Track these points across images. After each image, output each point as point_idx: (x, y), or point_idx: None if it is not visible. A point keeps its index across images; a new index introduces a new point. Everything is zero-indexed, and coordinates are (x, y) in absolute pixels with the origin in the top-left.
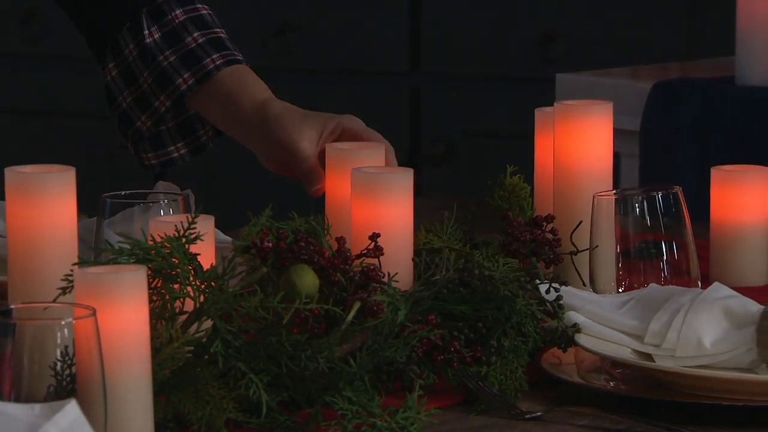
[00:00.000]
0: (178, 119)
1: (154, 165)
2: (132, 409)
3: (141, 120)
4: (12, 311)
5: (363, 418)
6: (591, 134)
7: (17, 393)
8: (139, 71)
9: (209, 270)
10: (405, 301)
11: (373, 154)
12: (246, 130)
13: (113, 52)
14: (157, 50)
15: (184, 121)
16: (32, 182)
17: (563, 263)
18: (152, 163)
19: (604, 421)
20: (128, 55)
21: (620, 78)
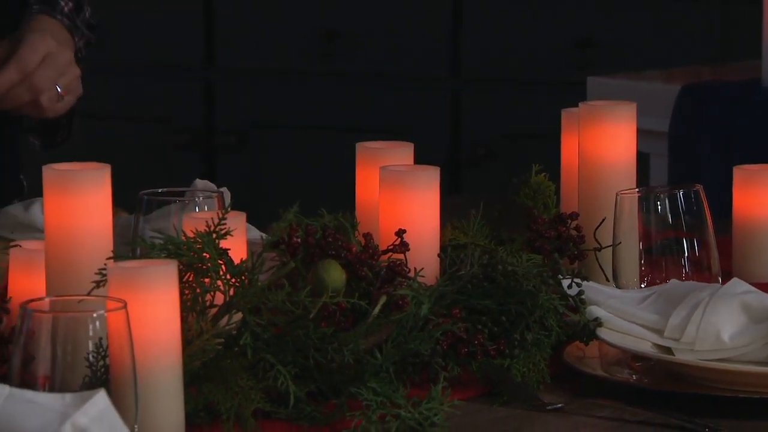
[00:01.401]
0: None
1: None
2: (163, 400)
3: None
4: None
5: (387, 409)
6: (615, 134)
7: (52, 384)
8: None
9: (239, 264)
10: (429, 296)
11: (401, 153)
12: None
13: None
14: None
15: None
16: (69, 179)
17: (587, 259)
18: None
19: (623, 413)
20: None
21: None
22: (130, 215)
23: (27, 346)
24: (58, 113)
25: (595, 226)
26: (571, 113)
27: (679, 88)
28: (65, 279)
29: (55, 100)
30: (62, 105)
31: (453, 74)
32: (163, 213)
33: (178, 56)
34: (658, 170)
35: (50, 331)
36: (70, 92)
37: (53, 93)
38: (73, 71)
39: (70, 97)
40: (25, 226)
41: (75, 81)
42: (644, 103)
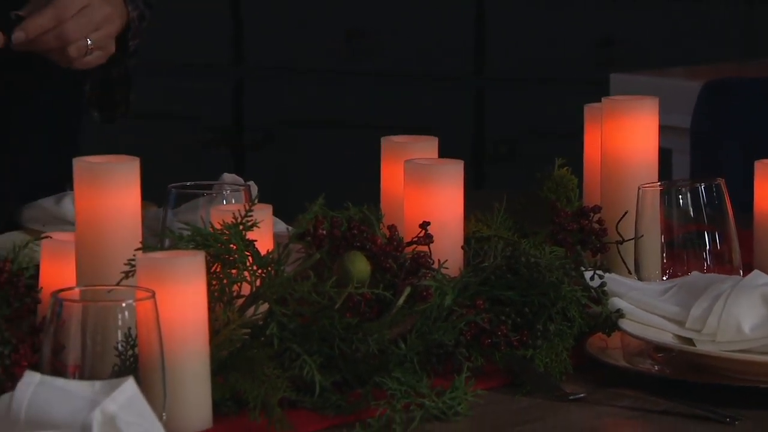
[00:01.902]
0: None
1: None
2: (191, 388)
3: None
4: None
5: (412, 398)
6: (637, 128)
7: (81, 372)
8: None
9: (266, 256)
10: (453, 287)
11: (426, 147)
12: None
13: None
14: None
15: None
16: (99, 172)
17: (609, 252)
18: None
19: (645, 403)
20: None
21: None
22: (159, 208)
23: (57, 335)
24: (87, 66)
25: (618, 220)
26: (594, 108)
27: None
28: (95, 269)
29: (83, 53)
30: (91, 59)
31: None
32: (191, 206)
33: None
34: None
35: (80, 320)
36: (101, 48)
37: (82, 45)
38: (107, 28)
39: (100, 53)
40: (56, 219)
41: (107, 38)
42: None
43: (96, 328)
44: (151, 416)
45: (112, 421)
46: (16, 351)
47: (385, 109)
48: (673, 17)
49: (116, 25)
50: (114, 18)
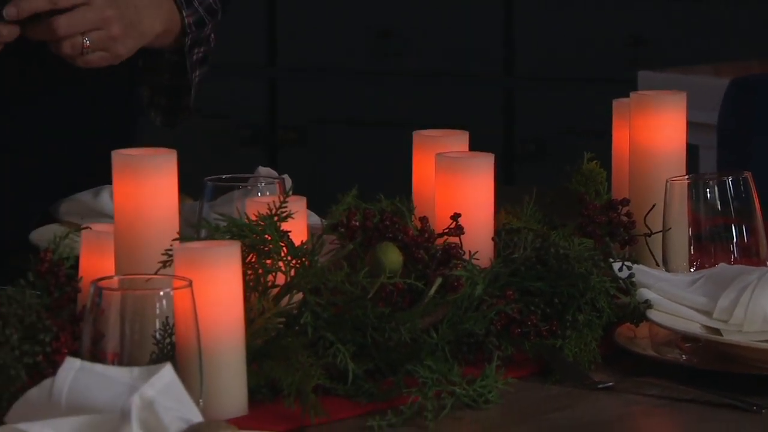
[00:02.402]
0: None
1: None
2: (227, 376)
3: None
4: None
5: (443, 386)
6: (665, 122)
7: (120, 360)
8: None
9: (300, 246)
10: (483, 277)
11: (457, 140)
12: None
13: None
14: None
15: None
16: (137, 163)
17: (637, 244)
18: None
19: (672, 392)
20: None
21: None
22: (196, 201)
23: (97, 324)
24: (90, 66)
25: (646, 212)
26: (622, 103)
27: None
28: (133, 259)
29: (79, 51)
30: (94, 59)
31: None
32: (226, 199)
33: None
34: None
35: (119, 308)
36: (105, 49)
37: (77, 42)
38: (110, 30)
39: (104, 54)
40: (94, 212)
41: (109, 40)
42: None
43: (134, 317)
44: (188, 401)
45: (150, 406)
46: (57, 339)
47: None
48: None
49: (141, 30)
50: (116, 21)
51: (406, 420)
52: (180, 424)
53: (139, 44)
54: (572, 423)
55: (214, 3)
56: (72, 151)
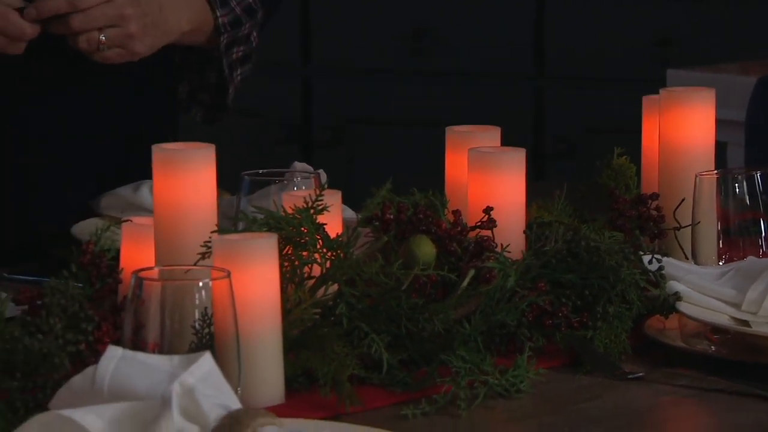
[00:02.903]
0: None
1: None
2: (264, 365)
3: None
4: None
5: (476, 376)
6: (694, 118)
7: (160, 350)
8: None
9: (335, 239)
10: (515, 269)
11: (489, 136)
12: None
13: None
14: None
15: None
16: (176, 157)
17: (667, 238)
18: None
19: (702, 382)
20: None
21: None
22: (233, 196)
23: (138, 314)
24: (107, 62)
25: (675, 207)
26: (651, 99)
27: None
28: (173, 251)
29: (95, 47)
30: (111, 55)
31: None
32: (263, 193)
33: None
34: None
35: (159, 299)
36: (122, 46)
37: (92, 38)
38: (128, 27)
39: (121, 50)
40: (134, 206)
41: (126, 38)
42: (722, 95)
43: (174, 307)
44: (227, 389)
45: (190, 393)
46: (99, 328)
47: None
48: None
49: (165, 29)
50: (135, 19)
51: (440, 409)
52: (219, 411)
53: (161, 42)
54: (602, 413)
55: (253, 3)
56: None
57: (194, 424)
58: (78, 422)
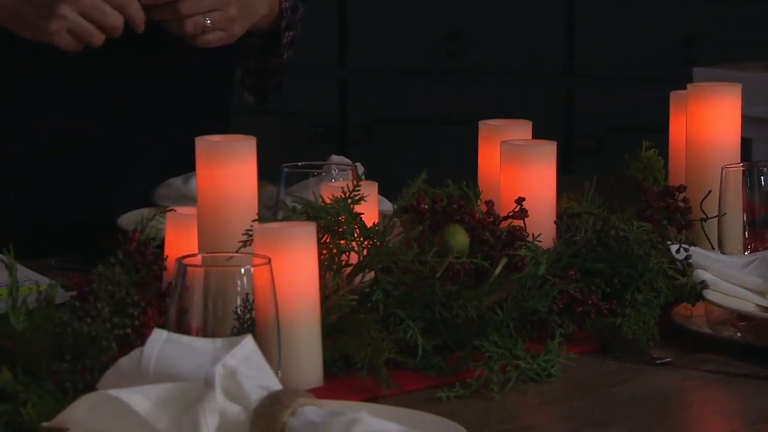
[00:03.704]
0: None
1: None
2: (303, 350)
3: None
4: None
5: (508, 360)
6: (721, 112)
7: (203, 334)
8: None
9: (372, 227)
10: (546, 258)
11: (520, 129)
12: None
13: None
14: None
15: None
16: (219, 149)
17: (694, 229)
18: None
19: (728, 367)
20: None
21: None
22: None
23: (181, 300)
24: (209, 45)
25: (702, 198)
26: (679, 95)
27: None
28: (215, 239)
29: (201, 31)
30: (212, 38)
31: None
32: (302, 185)
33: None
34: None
35: (203, 284)
36: (223, 29)
37: (199, 21)
38: (229, 11)
39: (222, 33)
40: (184, 196)
41: (227, 21)
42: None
43: (217, 293)
44: (268, 371)
45: (232, 375)
46: (145, 313)
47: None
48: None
49: (252, 11)
50: (234, 2)
51: (473, 392)
52: (261, 392)
53: (249, 25)
54: (631, 396)
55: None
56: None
57: (236, 404)
58: (125, 402)
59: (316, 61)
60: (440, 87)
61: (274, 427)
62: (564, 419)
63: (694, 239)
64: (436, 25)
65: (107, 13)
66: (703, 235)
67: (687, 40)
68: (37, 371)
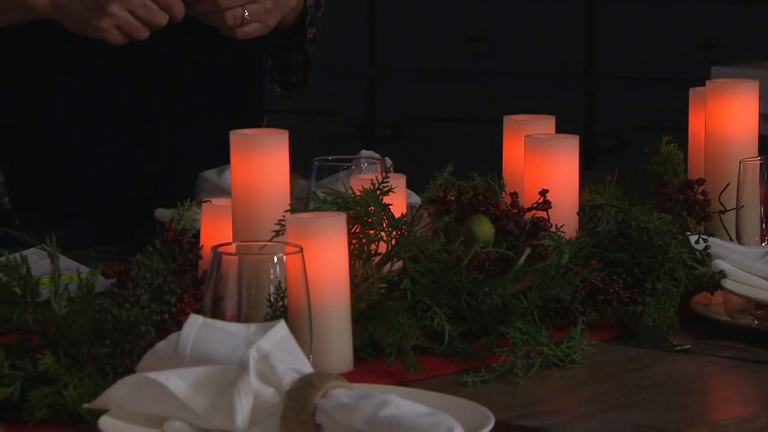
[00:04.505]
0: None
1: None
2: (334, 336)
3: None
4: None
5: (532, 346)
6: (739, 107)
7: (237, 320)
8: None
9: (400, 218)
10: (569, 247)
11: (544, 124)
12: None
13: None
14: None
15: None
16: (253, 142)
17: (712, 221)
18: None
19: (745, 353)
20: None
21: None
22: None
23: (217, 286)
24: (246, 37)
25: (720, 191)
26: (698, 91)
27: None
28: (249, 229)
29: (240, 23)
30: (250, 30)
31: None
32: (333, 179)
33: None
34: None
35: (237, 272)
36: (260, 21)
37: (238, 14)
38: (265, 3)
39: (258, 25)
40: (218, 189)
41: (264, 13)
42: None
43: (250, 280)
44: (300, 355)
45: (266, 358)
46: (181, 300)
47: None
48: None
49: (284, 4)
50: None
51: (498, 377)
52: (293, 375)
53: (281, 17)
54: (652, 381)
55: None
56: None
57: (269, 387)
58: (163, 384)
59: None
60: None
61: (306, 408)
62: (586, 403)
63: (712, 230)
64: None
65: (154, 10)
66: (722, 226)
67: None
68: (78, 355)
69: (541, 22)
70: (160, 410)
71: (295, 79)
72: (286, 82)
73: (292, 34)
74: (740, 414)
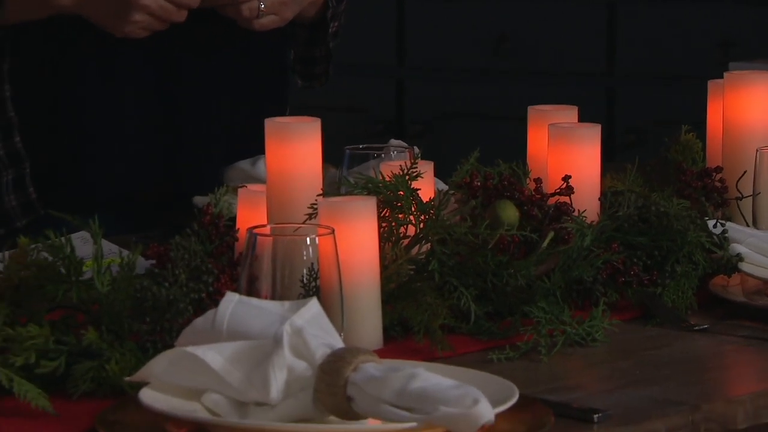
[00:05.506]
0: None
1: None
2: (364, 315)
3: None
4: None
5: (555, 325)
6: (756, 98)
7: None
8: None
9: (428, 202)
10: (591, 231)
11: (567, 114)
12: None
13: None
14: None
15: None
16: (287, 129)
17: (730, 207)
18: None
19: (762, 333)
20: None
21: None
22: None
23: (252, 267)
24: (263, 29)
25: (737, 179)
26: (716, 83)
27: None
28: (283, 213)
29: (256, 15)
30: (266, 22)
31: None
32: (364, 167)
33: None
34: None
35: (271, 253)
36: (276, 13)
37: (254, 5)
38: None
39: (274, 17)
40: (252, 178)
41: (280, 5)
42: None
43: (284, 261)
44: (332, 330)
45: (299, 333)
46: (218, 280)
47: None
48: None
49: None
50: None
51: (522, 354)
52: (325, 350)
53: (299, 9)
54: (671, 359)
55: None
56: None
57: (302, 361)
58: (200, 357)
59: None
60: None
61: (337, 381)
62: (607, 379)
63: (730, 216)
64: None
65: (173, 12)
66: (738, 212)
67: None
68: (119, 331)
69: (564, 22)
70: (198, 383)
71: (318, 70)
72: (309, 74)
73: (315, 28)
74: (756, 389)
